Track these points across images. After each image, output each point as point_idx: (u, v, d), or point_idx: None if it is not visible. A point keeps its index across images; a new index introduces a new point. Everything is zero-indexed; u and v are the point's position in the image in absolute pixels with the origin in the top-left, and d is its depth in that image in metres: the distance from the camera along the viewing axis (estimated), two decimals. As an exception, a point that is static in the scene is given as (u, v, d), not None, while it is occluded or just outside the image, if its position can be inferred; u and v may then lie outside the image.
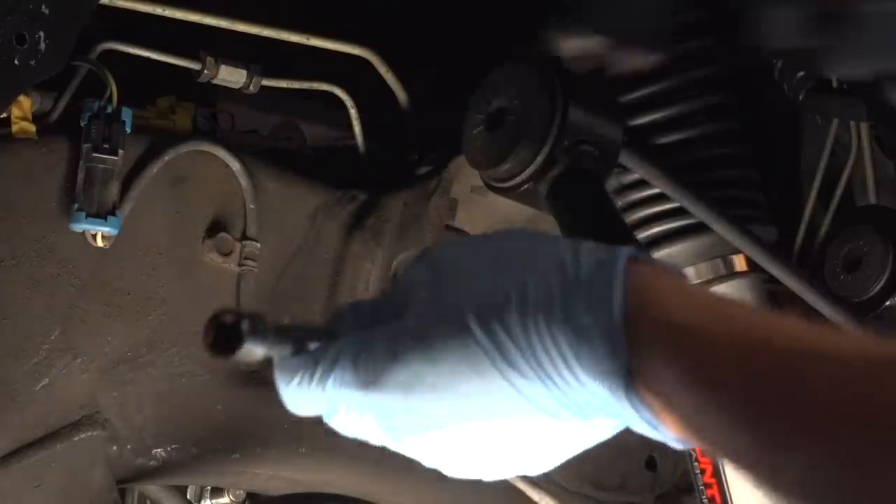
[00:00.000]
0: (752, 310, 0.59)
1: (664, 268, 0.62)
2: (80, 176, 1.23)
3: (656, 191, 1.26)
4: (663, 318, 0.58)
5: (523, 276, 0.61)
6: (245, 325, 0.63)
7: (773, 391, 0.53)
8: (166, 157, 1.30)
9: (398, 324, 0.65)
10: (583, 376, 0.59)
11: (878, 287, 1.26)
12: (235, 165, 1.35)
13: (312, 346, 0.68)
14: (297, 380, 0.66)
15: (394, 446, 0.68)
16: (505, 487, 1.53)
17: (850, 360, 0.52)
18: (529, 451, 0.67)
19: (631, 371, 0.58)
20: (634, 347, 0.58)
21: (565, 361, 0.59)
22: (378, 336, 0.65)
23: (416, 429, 0.66)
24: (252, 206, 1.37)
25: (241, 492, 1.96)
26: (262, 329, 0.64)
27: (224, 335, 0.63)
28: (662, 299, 0.59)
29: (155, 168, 1.29)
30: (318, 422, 0.69)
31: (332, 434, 0.69)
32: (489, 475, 0.70)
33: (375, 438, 0.68)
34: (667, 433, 0.61)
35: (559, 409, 0.62)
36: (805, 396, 0.52)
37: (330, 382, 0.65)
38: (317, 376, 0.66)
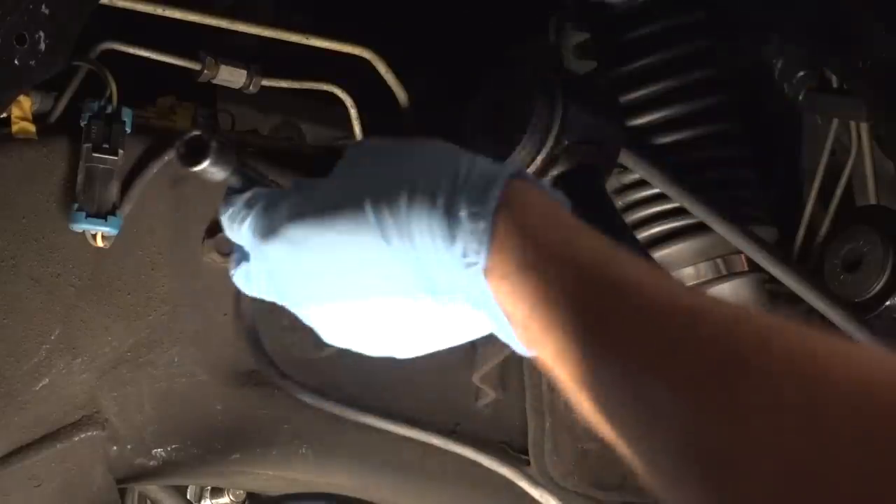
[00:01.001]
0: (607, 240, 0.65)
1: (544, 188, 0.70)
2: (80, 176, 1.23)
3: (656, 191, 1.26)
4: (523, 220, 0.66)
5: (422, 174, 0.70)
6: (214, 146, 0.74)
7: (600, 300, 0.60)
8: (166, 157, 1.30)
9: (309, 192, 0.75)
10: (448, 260, 0.67)
11: (878, 287, 1.26)
12: (235, 165, 1.35)
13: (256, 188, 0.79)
14: (227, 212, 0.79)
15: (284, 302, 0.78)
16: (505, 487, 1.52)
17: (676, 293, 0.57)
18: (400, 334, 0.76)
19: (489, 259, 0.66)
20: (496, 238, 0.66)
21: (434, 244, 0.67)
22: (291, 197, 0.75)
23: (297, 293, 0.76)
24: (252, 206, 1.37)
25: (241, 492, 1.96)
26: (227, 159, 0.76)
27: (195, 150, 0.74)
28: (529, 206, 0.67)
29: (155, 168, 1.29)
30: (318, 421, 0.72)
31: (332, 434, 0.70)
32: (366, 350, 0.79)
33: (268, 294, 0.78)
34: (511, 332, 0.67)
35: (423, 291, 0.71)
36: (628, 317, 0.57)
37: (246, 224, 0.76)
38: (239, 215, 0.77)
